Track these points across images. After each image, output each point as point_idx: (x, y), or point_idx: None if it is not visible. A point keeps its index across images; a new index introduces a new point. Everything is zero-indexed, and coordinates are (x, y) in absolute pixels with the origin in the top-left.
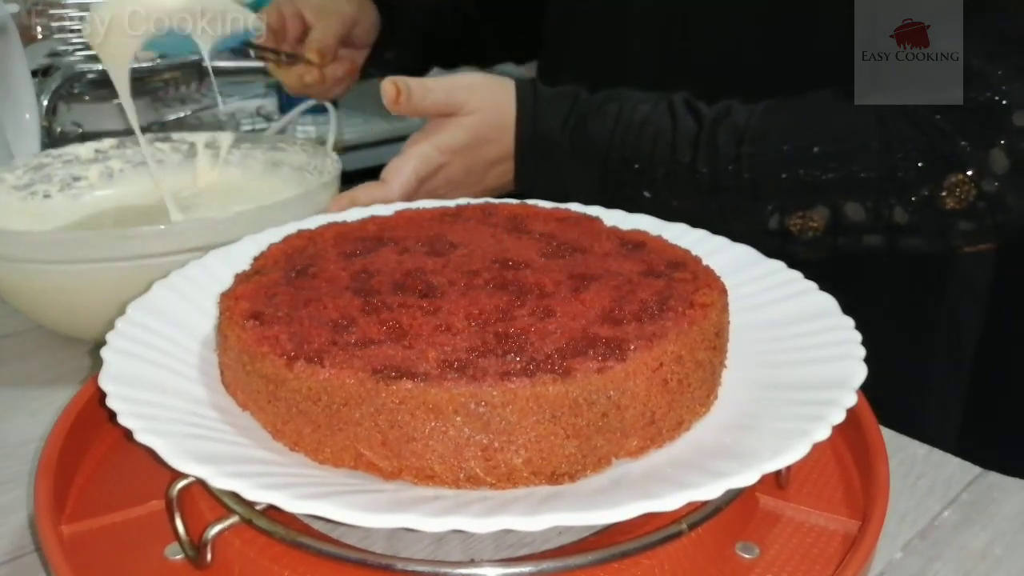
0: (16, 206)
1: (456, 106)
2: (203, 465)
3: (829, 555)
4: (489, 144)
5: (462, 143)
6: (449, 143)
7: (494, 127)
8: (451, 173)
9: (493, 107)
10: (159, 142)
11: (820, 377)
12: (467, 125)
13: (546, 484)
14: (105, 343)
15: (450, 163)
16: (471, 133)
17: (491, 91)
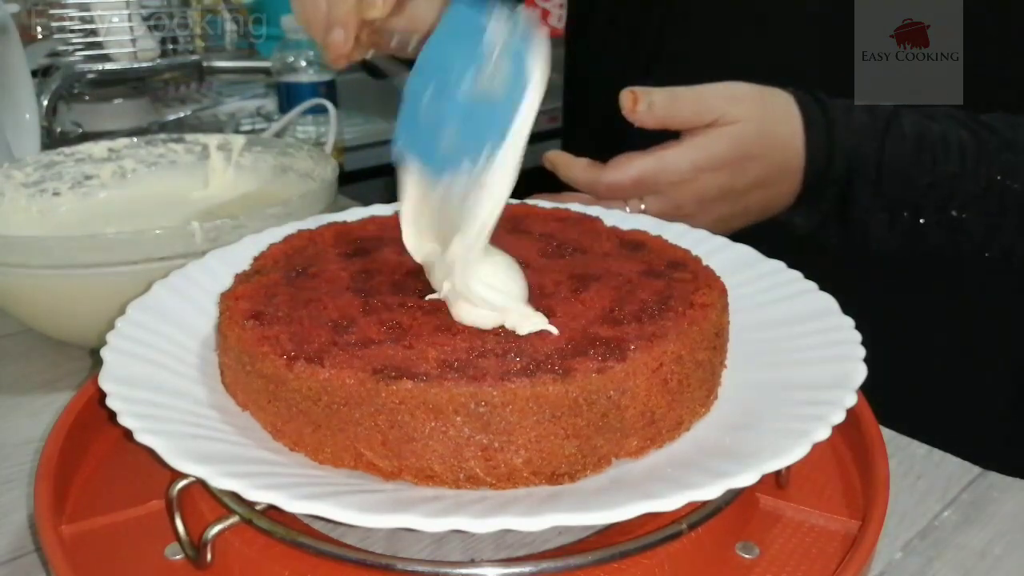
0: (22, 203)
1: (711, 117)
2: (203, 465)
3: (829, 555)
4: (755, 161)
5: (721, 157)
6: (703, 157)
7: (763, 138)
8: (703, 190)
9: (763, 118)
10: (172, 142)
11: (820, 377)
12: (728, 135)
13: (546, 484)
14: (104, 344)
15: (700, 180)
16: (734, 146)
17: (759, 101)
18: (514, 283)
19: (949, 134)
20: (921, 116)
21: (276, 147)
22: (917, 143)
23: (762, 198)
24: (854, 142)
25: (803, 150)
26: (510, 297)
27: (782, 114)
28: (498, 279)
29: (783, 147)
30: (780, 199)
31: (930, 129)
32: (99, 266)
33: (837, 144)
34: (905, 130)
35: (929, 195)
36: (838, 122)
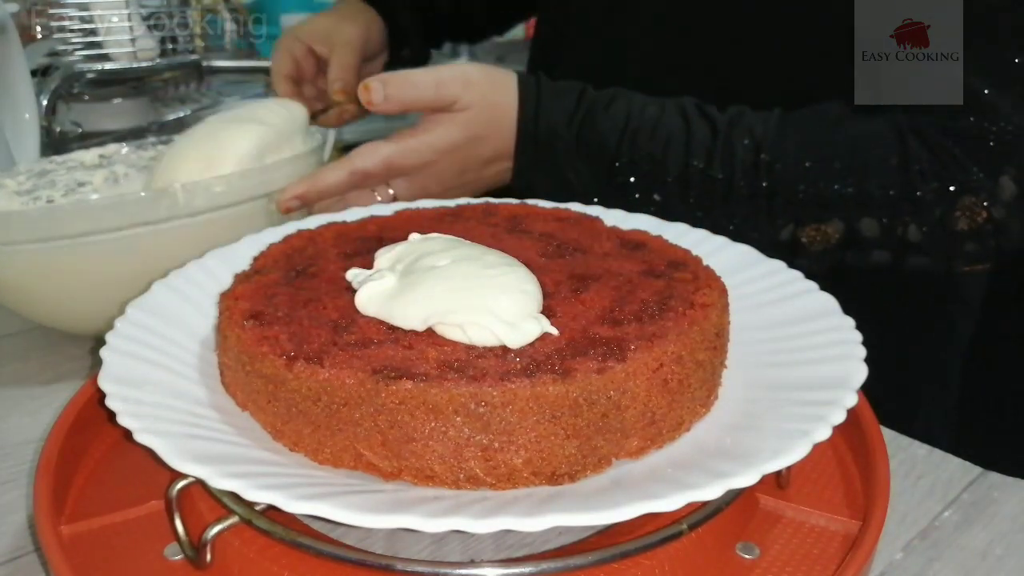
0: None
1: (448, 100)
2: (203, 465)
3: (830, 555)
4: (485, 141)
5: (455, 141)
6: (441, 142)
7: (490, 123)
8: (443, 172)
9: (490, 104)
10: (161, 144)
11: (820, 377)
12: (461, 122)
13: (546, 484)
14: (104, 342)
15: (440, 161)
16: (465, 131)
17: (488, 85)
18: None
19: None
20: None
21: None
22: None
23: (495, 171)
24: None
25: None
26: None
27: (505, 97)
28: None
29: (503, 130)
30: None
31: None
32: (85, 235)
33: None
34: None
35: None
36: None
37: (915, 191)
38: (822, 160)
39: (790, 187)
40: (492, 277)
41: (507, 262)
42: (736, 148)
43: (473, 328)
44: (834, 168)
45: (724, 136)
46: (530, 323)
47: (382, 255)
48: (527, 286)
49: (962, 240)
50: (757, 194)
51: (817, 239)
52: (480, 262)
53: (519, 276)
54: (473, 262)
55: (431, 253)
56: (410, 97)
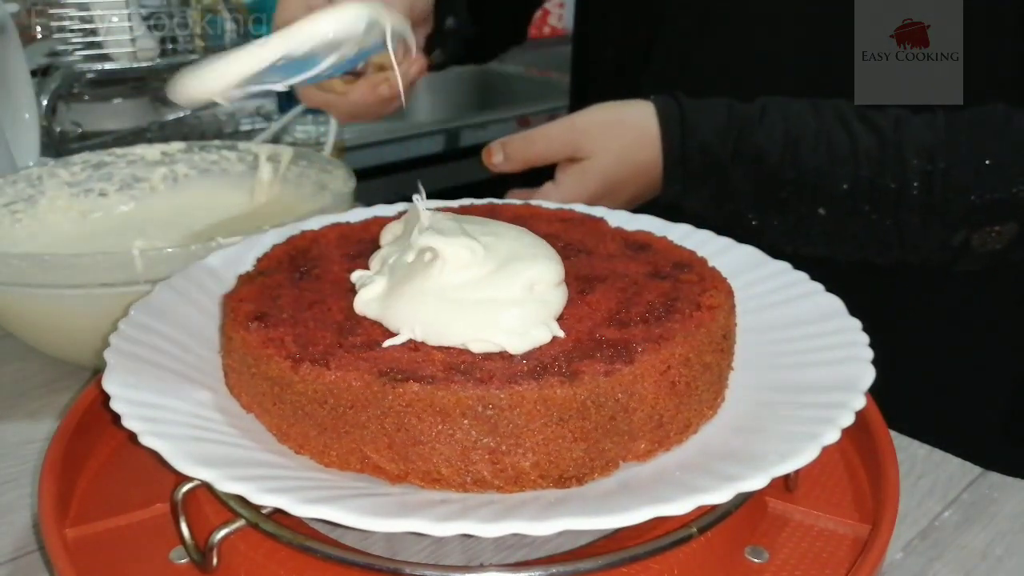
0: (61, 203)
1: (568, 149)
2: (208, 468)
3: (839, 559)
4: (622, 186)
5: (591, 192)
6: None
7: (625, 168)
8: None
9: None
10: (226, 150)
11: (828, 379)
12: (593, 172)
13: (554, 487)
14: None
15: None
16: (599, 180)
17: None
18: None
19: (821, 130)
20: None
21: (319, 163)
22: (780, 137)
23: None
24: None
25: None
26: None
27: (638, 132)
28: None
29: (647, 172)
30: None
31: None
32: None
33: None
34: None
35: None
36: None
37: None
38: (997, 163)
39: (965, 194)
40: (504, 285)
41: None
42: (907, 156)
43: (476, 344)
44: (1010, 170)
45: (893, 144)
46: (540, 330)
47: (375, 256)
48: (548, 295)
49: None
50: (931, 203)
51: (988, 241)
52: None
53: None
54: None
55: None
56: (528, 155)
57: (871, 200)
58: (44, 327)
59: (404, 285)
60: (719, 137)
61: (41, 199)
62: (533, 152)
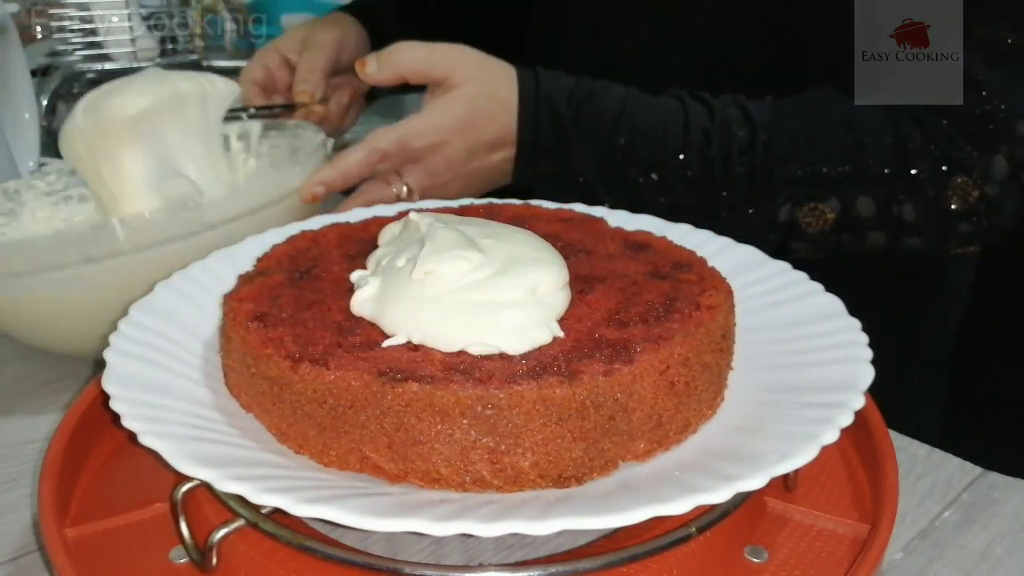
0: (42, 213)
1: (443, 68)
2: (208, 468)
3: (838, 559)
4: (489, 120)
5: (460, 117)
6: (447, 119)
7: (491, 99)
8: (452, 154)
9: (487, 78)
10: None
11: (827, 379)
12: (462, 97)
13: (553, 487)
14: (106, 343)
15: (449, 142)
16: (467, 106)
17: (482, 59)
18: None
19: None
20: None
21: (288, 131)
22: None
23: (500, 159)
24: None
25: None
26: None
27: (505, 80)
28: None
29: (506, 111)
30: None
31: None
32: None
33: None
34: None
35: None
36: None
37: (909, 169)
38: (818, 138)
39: (786, 166)
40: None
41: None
42: (733, 127)
43: (476, 347)
44: (830, 146)
45: (720, 116)
46: (541, 331)
47: (371, 257)
48: (550, 297)
49: (956, 220)
50: (755, 173)
51: (814, 221)
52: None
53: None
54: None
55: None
56: (402, 62)
57: (700, 168)
58: (38, 321)
59: (399, 288)
60: (565, 101)
61: (22, 211)
62: (410, 62)
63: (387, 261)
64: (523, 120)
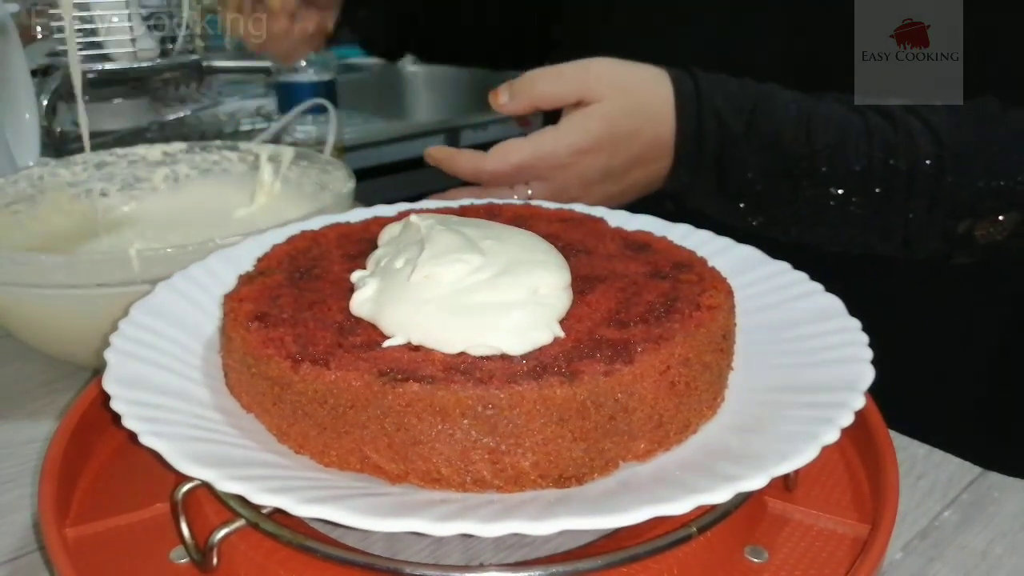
0: (62, 203)
1: (577, 90)
2: (208, 468)
3: (839, 559)
4: (630, 138)
5: (594, 138)
6: (578, 140)
7: (634, 115)
8: (584, 174)
9: (627, 92)
10: (227, 150)
11: (828, 379)
12: (598, 115)
13: (553, 487)
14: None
15: (578, 164)
16: (604, 124)
17: (623, 72)
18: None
19: (832, 111)
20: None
21: (319, 163)
22: (794, 114)
23: (643, 174)
24: (722, 110)
25: (674, 123)
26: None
27: (651, 89)
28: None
29: (654, 122)
30: (660, 172)
31: (813, 106)
32: (38, 287)
33: (706, 114)
34: (782, 103)
35: (806, 168)
36: (708, 93)
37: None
38: (1001, 150)
39: (973, 178)
40: (507, 289)
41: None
42: (917, 139)
43: (476, 349)
44: (1012, 158)
45: (904, 126)
46: (542, 332)
47: (371, 257)
48: (552, 299)
49: None
50: (942, 186)
51: (990, 232)
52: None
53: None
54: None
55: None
56: (534, 92)
57: (883, 181)
58: (44, 327)
59: (397, 290)
60: (734, 109)
61: (42, 199)
62: (540, 90)
63: (386, 262)
64: (683, 130)
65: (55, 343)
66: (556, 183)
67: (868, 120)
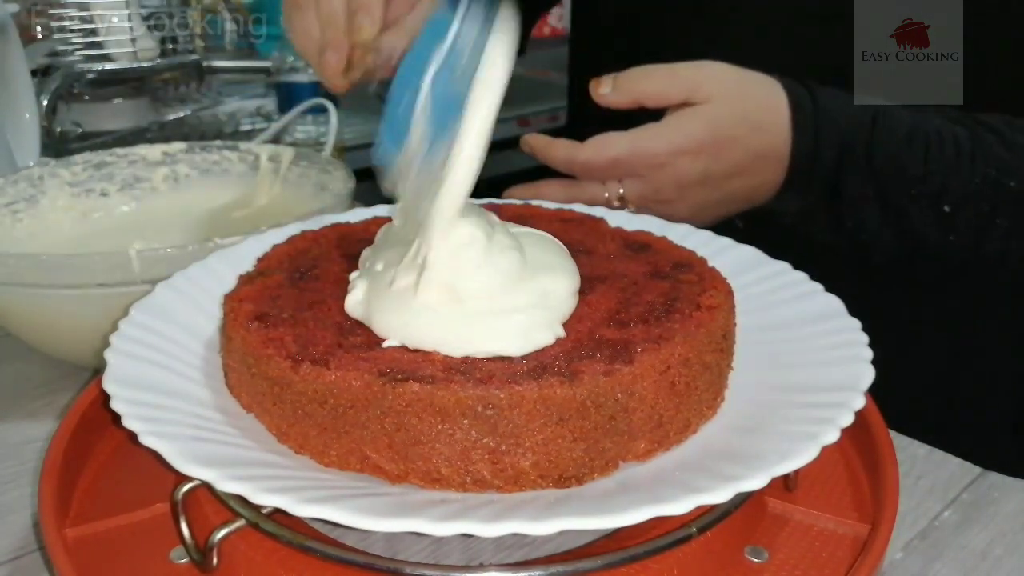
0: (62, 203)
1: (686, 88)
2: (208, 468)
3: (839, 559)
4: (733, 145)
5: (697, 139)
6: (680, 139)
7: (741, 122)
8: (681, 176)
9: (738, 98)
10: (227, 150)
11: (828, 379)
12: (704, 116)
13: (553, 487)
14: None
15: (676, 164)
16: (710, 127)
17: (737, 76)
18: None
19: (944, 128)
20: (915, 111)
21: (319, 163)
22: (910, 133)
23: (744, 186)
24: (844, 128)
25: (789, 135)
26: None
27: (763, 98)
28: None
29: (763, 131)
30: (764, 187)
31: (924, 122)
32: (41, 287)
33: (825, 130)
34: (897, 120)
35: (921, 187)
36: (827, 108)
37: None
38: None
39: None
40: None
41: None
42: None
43: (481, 354)
44: None
45: (1012, 142)
46: (543, 333)
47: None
48: (556, 303)
49: None
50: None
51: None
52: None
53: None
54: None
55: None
56: (641, 86)
57: (994, 200)
58: (44, 327)
59: (382, 298)
60: (853, 129)
61: (42, 199)
62: (648, 85)
63: (369, 263)
64: (798, 143)
65: (55, 343)
66: (651, 183)
67: (979, 137)
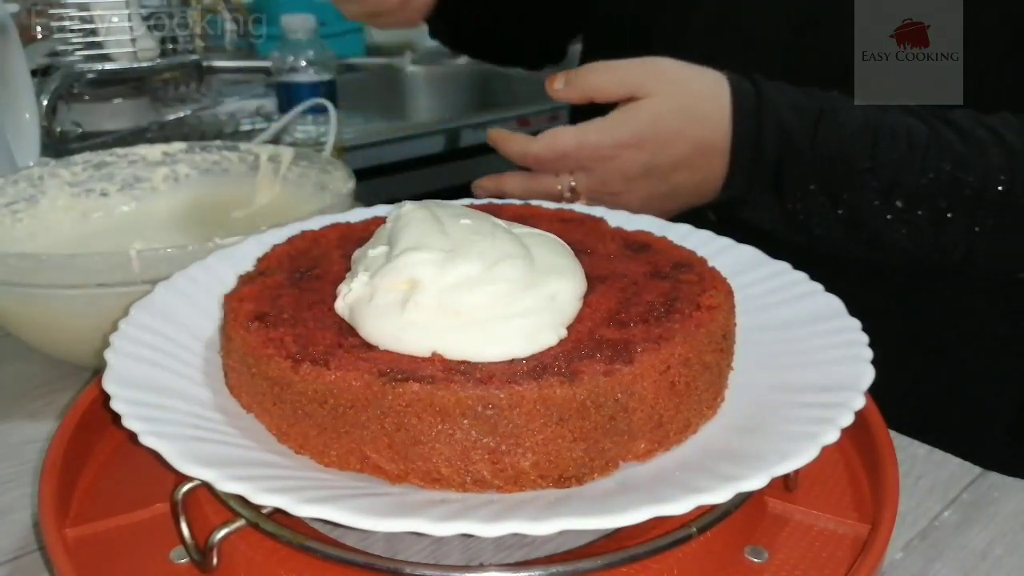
0: (62, 203)
1: (631, 85)
2: (208, 468)
3: (839, 559)
4: (676, 138)
5: (638, 132)
6: (622, 133)
7: (683, 116)
8: (625, 167)
9: (681, 93)
10: (227, 150)
11: (828, 379)
12: (646, 109)
13: (553, 487)
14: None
15: (621, 157)
16: (651, 121)
17: (681, 70)
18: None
19: (899, 123)
20: (871, 106)
21: (319, 163)
22: (861, 127)
23: (690, 179)
24: (786, 118)
25: (730, 126)
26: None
27: (706, 91)
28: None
29: (705, 124)
30: (710, 182)
31: (880, 116)
32: (40, 287)
33: (767, 120)
34: (849, 113)
35: (870, 180)
36: (770, 99)
37: None
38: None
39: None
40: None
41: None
42: (990, 153)
43: (485, 356)
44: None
45: (974, 139)
46: (547, 334)
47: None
48: (562, 305)
49: None
50: (1013, 203)
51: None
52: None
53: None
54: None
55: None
56: (590, 82)
57: (950, 196)
58: (44, 327)
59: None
60: (797, 118)
61: (42, 199)
62: (596, 81)
63: (353, 268)
64: (739, 135)
65: (55, 343)
66: (598, 175)
67: (936, 132)
